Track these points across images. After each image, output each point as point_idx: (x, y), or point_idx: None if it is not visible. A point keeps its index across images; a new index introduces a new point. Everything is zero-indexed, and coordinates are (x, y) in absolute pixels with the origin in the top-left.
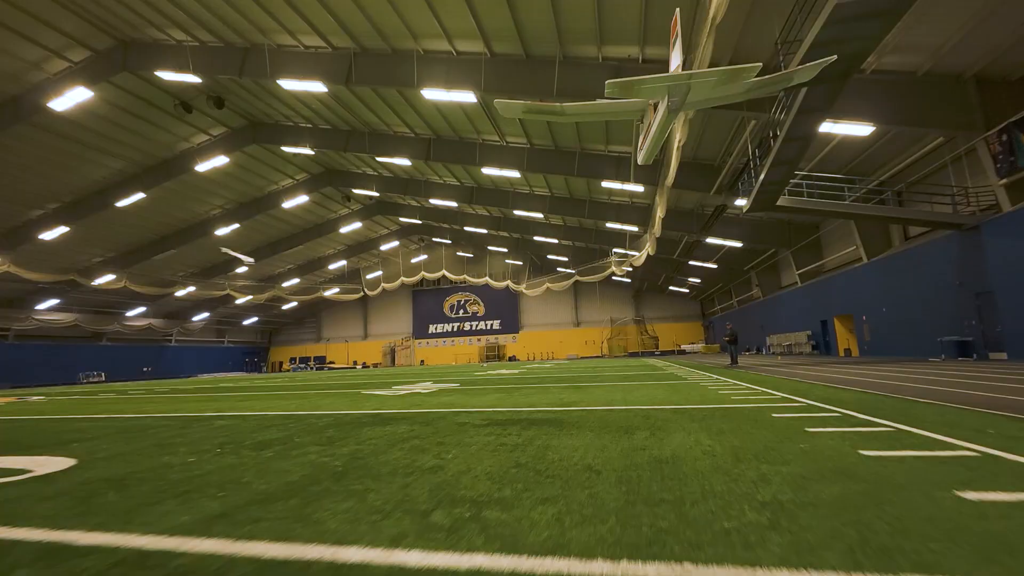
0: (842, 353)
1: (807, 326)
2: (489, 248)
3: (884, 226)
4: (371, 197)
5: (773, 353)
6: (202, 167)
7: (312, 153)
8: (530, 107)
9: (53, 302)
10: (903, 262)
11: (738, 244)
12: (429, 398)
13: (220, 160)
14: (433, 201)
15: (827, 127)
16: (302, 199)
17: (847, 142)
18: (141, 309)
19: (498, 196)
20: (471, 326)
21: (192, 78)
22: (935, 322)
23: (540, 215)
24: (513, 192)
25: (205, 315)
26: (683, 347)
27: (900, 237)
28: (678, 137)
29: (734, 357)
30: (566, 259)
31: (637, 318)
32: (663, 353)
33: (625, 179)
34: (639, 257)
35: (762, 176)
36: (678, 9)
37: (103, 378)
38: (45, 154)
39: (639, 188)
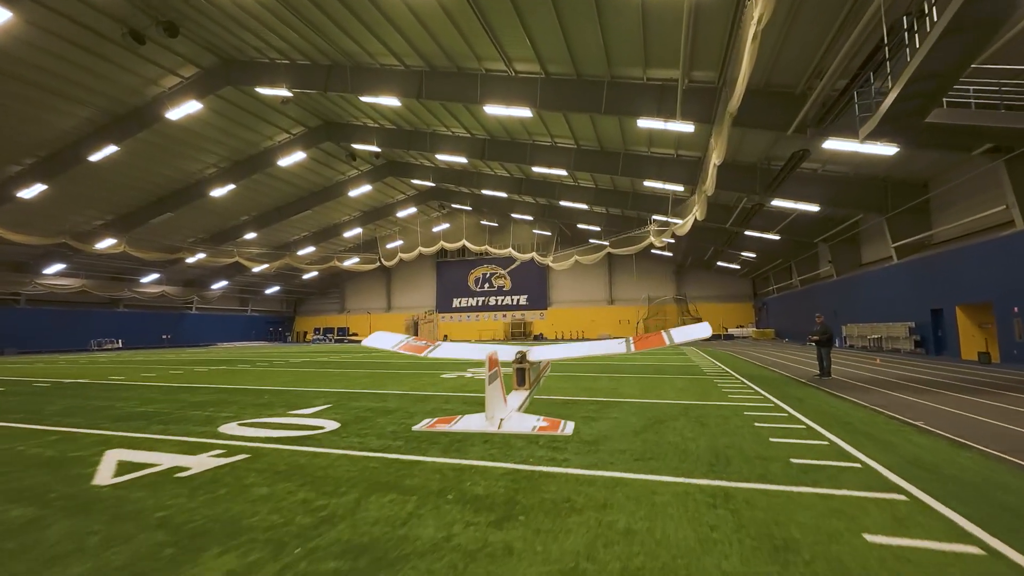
0: (974, 356)
1: (909, 315)
2: (513, 216)
3: None
4: (376, 155)
5: (850, 345)
6: (174, 114)
7: (291, 95)
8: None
9: (59, 267)
10: None
11: (813, 208)
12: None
13: (192, 106)
14: (441, 157)
15: None
16: (299, 156)
17: None
18: (154, 276)
19: (514, 149)
20: (497, 301)
21: None
22: None
23: (564, 171)
24: (532, 144)
25: (223, 283)
26: (730, 331)
27: None
28: (756, 16)
29: (825, 365)
30: (598, 228)
31: (678, 297)
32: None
33: (670, 115)
34: (683, 224)
35: (914, 66)
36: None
37: (120, 345)
38: None
39: (688, 127)
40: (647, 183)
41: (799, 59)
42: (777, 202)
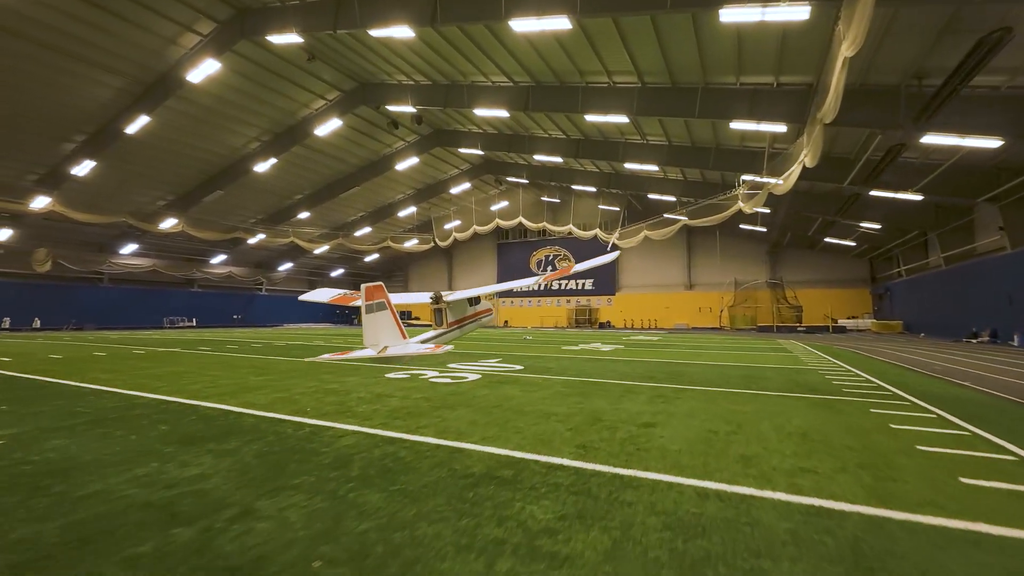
0: None
1: None
2: (573, 188)
3: None
4: (418, 119)
5: None
6: (194, 76)
7: (301, 40)
8: None
9: (133, 247)
10: None
11: (991, 143)
12: None
13: (211, 65)
14: (481, 113)
15: None
16: (336, 123)
17: None
18: (222, 257)
19: (564, 96)
20: (560, 285)
21: None
22: None
23: (625, 118)
24: (584, 87)
25: (288, 265)
26: (839, 322)
27: None
28: None
29: None
30: (673, 199)
31: (773, 281)
32: (810, 329)
33: None
34: (786, 178)
35: None
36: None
37: (193, 323)
38: (28, 67)
39: (799, 11)
40: (736, 125)
41: None
42: (932, 138)
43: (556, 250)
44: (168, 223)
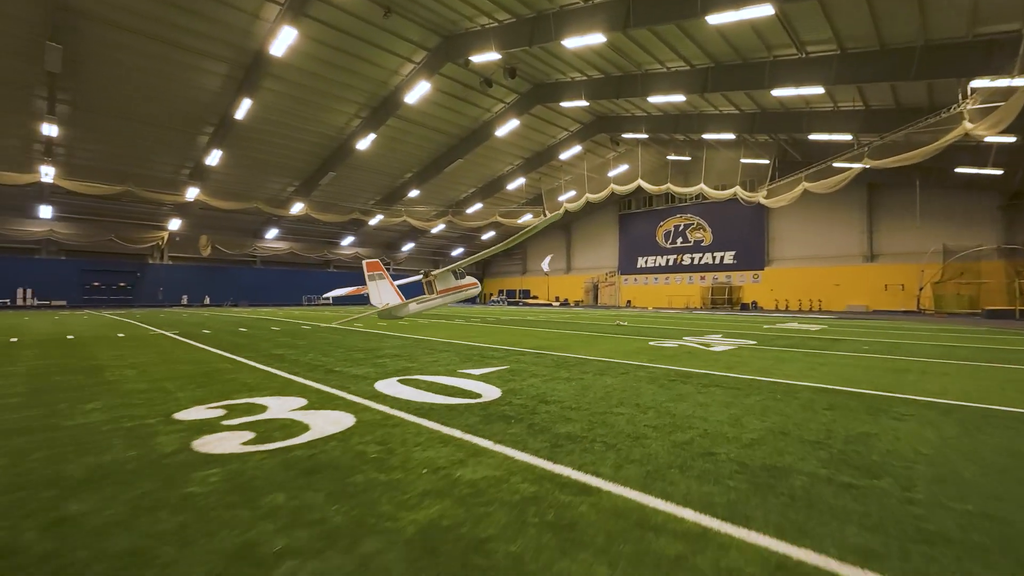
0: None
1: None
2: (705, 138)
3: None
4: (509, 72)
5: None
6: (276, 48)
7: None
8: None
9: (274, 232)
10: None
11: None
12: None
13: (289, 33)
14: (572, 45)
15: None
16: (424, 87)
17: None
18: (350, 239)
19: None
20: (692, 259)
21: None
22: None
23: (770, 8)
24: None
25: (411, 245)
26: None
27: None
28: None
29: None
30: (848, 137)
31: (1007, 246)
32: None
33: None
34: None
35: None
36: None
37: (330, 301)
38: (157, 66)
39: None
40: None
41: None
42: None
43: (688, 218)
44: (296, 208)
